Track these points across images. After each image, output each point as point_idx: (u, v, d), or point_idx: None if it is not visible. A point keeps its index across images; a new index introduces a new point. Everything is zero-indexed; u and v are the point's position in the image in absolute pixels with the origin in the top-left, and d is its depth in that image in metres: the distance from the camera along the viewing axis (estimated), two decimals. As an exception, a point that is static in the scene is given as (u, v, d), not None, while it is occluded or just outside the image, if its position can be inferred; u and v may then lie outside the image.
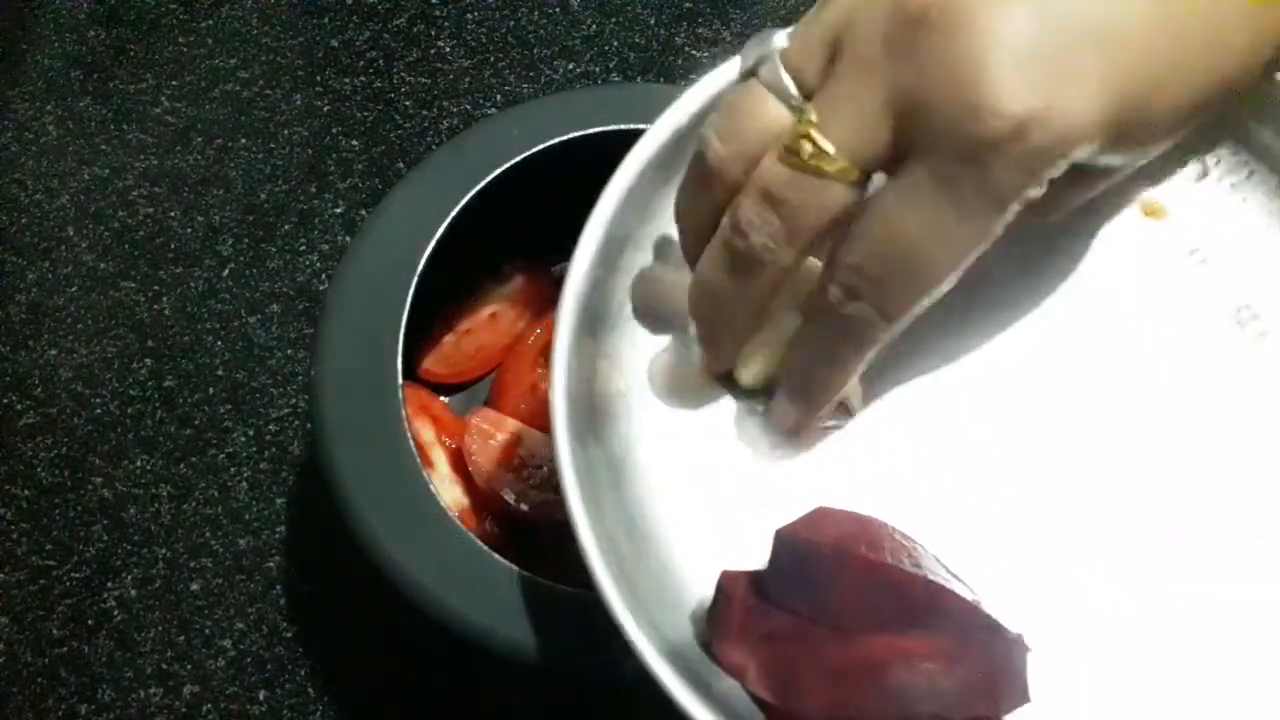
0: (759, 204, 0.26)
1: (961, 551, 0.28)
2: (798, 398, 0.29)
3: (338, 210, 0.54)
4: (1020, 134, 0.23)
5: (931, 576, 0.27)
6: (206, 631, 0.45)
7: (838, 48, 0.25)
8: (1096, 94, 0.24)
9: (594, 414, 0.30)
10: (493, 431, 0.41)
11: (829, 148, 0.25)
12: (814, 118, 0.25)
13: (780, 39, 0.27)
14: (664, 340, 0.32)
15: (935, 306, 0.27)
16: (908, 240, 0.25)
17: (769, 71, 0.26)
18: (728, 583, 0.28)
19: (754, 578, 0.28)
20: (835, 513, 0.29)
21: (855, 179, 0.25)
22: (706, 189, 0.28)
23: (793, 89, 0.26)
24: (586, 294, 0.31)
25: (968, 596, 0.27)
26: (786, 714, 0.27)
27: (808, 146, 0.25)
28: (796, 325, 0.29)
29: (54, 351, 0.50)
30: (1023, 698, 0.26)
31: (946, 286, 0.25)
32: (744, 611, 0.28)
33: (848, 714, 0.26)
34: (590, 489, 0.29)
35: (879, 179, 0.26)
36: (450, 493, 0.41)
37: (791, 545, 0.27)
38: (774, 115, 0.26)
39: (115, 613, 0.45)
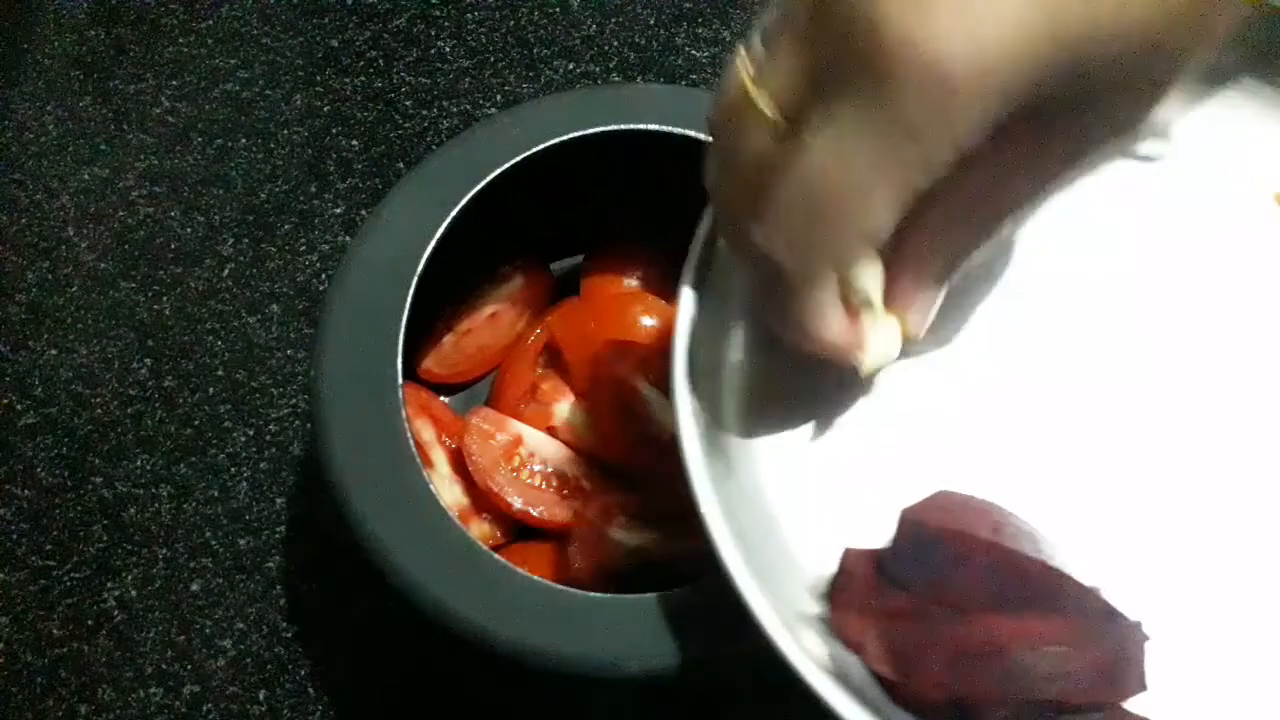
0: (710, 132, 0.28)
1: (1080, 533, 0.29)
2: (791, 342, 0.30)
3: (338, 210, 0.54)
4: (917, 50, 0.23)
5: (1050, 562, 0.27)
6: (206, 631, 0.45)
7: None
8: (1012, 14, 0.23)
9: (714, 395, 0.31)
10: (493, 431, 0.41)
11: (747, 73, 0.26)
12: (746, 56, 0.27)
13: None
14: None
15: (1064, 281, 0.28)
16: (818, 172, 0.25)
17: (747, 41, 0.28)
18: (851, 561, 0.29)
19: (876, 556, 0.29)
20: (958, 496, 0.29)
21: (771, 116, 0.26)
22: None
23: (759, 47, 0.27)
24: (701, 273, 0.32)
25: (1086, 583, 0.27)
26: (908, 690, 0.27)
27: (737, 81, 0.27)
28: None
29: (54, 351, 0.50)
30: (1139, 685, 0.26)
31: (868, 226, 0.26)
32: (866, 589, 0.28)
33: (969, 693, 0.26)
34: (712, 470, 0.29)
35: None
36: (450, 493, 0.41)
37: (915, 527, 0.28)
38: (742, 75, 0.28)
39: (115, 613, 0.45)
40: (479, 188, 0.39)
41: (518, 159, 0.39)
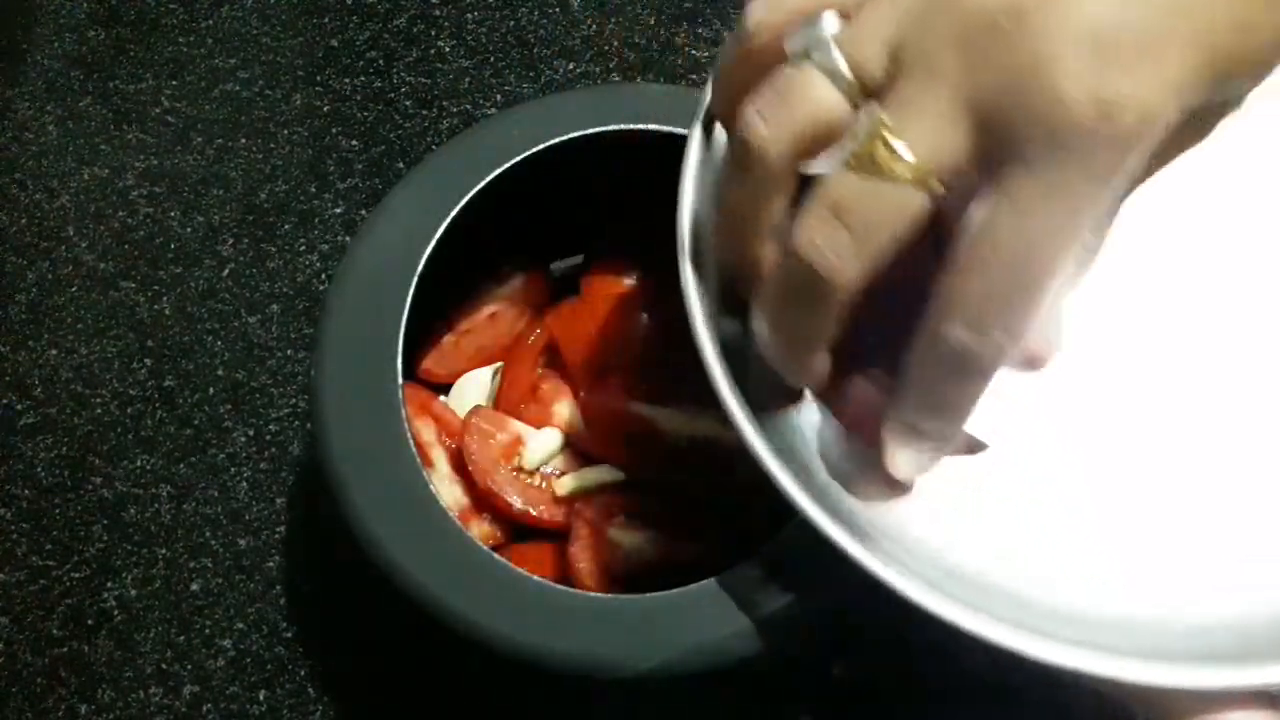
0: (825, 219, 0.25)
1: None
2: (924, 445, 0.28)
3: (338, 210, 0.54)
4: (1108, 116, 0.23)
5: None
6: (206, 631, 0.45)
7: (900, 48, 0.25)
8: (1179, 59, 0.23)
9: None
10: (493, 431, 0.41)
11: (904, 151, 0.24)
12: (887, 120, 0.24)
13: (830, 23, 0.26)
14: None
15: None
16: (1024, 249, 0.24)
17: (821, 55, 0.25)
18: None
19: None
20: None
21: (933, 186, 0.24)
22: (749, 174, 0.27)
23: (848, 74, 0.25)
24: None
25: None
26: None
27: (882, 150, 0.24)
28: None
29: (54, 351, 0.50)
30: None
31: (1060, 283, 0.25)
32: None
33: None
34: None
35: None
36: (450, 493, 0.41)
37: None
38: (827, 98, 0.25)
39: (115, 613, 0.45)
40: (479, 188, 0.39)
41: (518, 159, 0.39)
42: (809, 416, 0.31)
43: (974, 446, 0.31)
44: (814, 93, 0.25)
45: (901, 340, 0.27)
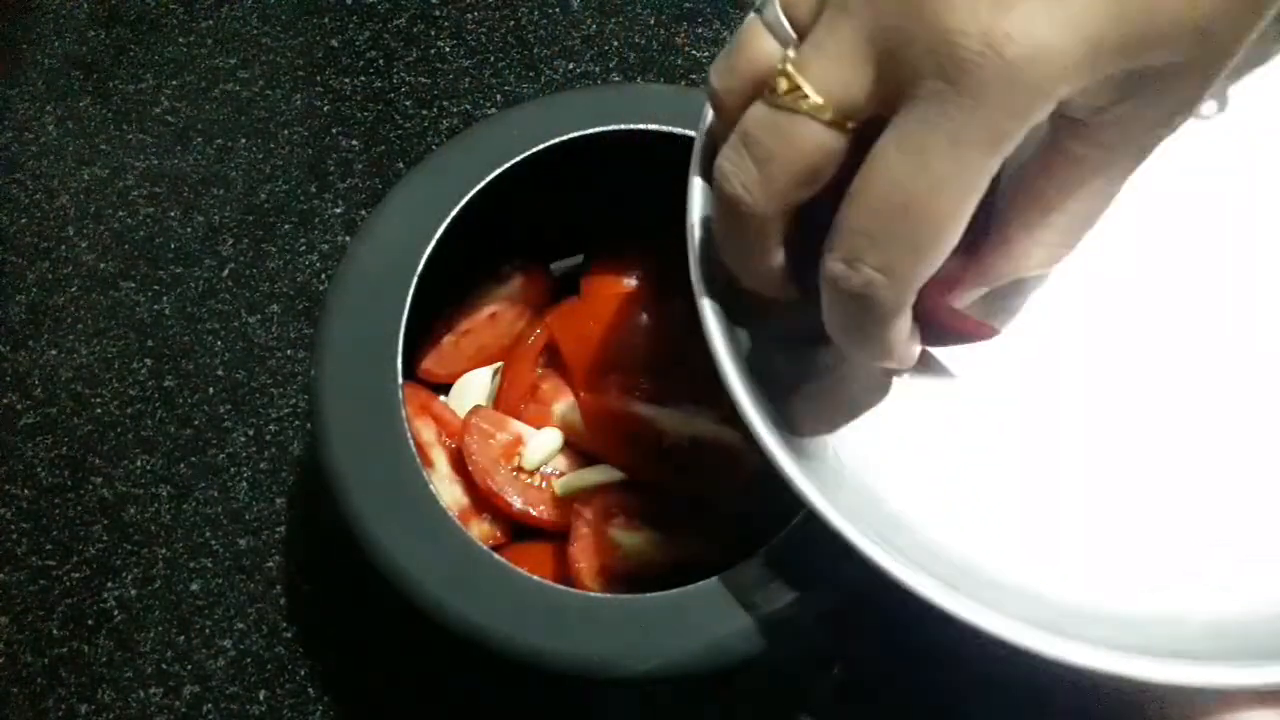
0: (735, 148, 0.26)
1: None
2: (863, 360, 0.29)
3: (338, 210, 0.54)
4: (997, 53, 0.22)
5: None
6: (206, 631, 0.45)
7: None
8: (1082, 4, 0.22)
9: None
10: (493, 431, 0.41)
11: (804, 84, 0.24)
12: (793, 56, 0.25)
13: None
14: None
15: None
16: (906, 189, 0.24)
17: (768, 10, 0.26)
18: None
19: None
20: None
21: (832, 119, 0.25)
22: (715, 118, 0.28)
23: (786, 26, 0.26)
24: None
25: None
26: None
27: (784, 83, 0.25)
28: None
29: (54, 351, 0.50)
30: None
31: (956, 236, 0.24)
32: None
33: None
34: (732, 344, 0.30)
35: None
36: (450, 493, 0.41)
37: None
38: (767, 51, 0.26)
39: (115, 613, 0.45)
40: (479, 187, 0.39)
41: (518, 159, 0.39)
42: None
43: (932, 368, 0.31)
44: (753, 42, 0.26)
45: None
